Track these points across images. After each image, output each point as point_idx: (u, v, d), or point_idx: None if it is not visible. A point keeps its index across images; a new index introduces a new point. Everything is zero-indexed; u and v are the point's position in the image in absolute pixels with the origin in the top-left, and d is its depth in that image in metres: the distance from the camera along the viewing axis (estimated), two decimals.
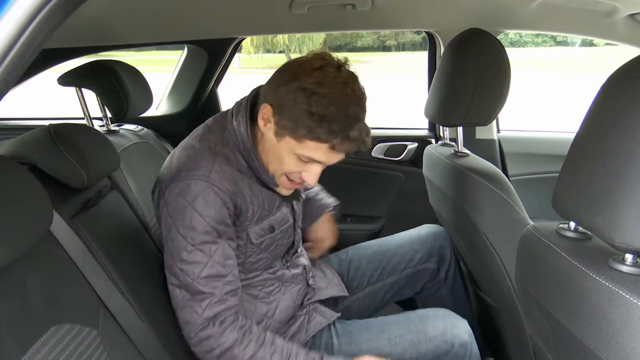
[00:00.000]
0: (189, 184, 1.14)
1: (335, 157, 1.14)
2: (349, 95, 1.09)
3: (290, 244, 1.38)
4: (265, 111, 1.14)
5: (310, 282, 1.41)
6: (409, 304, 1.72)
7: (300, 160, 1.15)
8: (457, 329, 1.34)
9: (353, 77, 1.12)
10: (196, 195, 1.13)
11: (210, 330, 1.13)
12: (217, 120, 1.26)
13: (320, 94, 1.06)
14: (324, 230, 1.60)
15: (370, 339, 1.33)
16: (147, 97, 1.90)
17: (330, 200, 1.62)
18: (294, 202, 1.35)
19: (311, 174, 1.17)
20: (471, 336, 1.35)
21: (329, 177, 2.29)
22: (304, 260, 1.44)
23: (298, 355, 1.17)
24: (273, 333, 1.21)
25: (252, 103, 1.22)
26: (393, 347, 1.30)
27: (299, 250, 1.46)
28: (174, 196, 1.15)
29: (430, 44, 2.22)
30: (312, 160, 1.14)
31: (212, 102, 2.43)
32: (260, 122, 1.16)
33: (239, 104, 1.24)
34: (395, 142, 2.30)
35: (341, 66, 1.11)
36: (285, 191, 1.27)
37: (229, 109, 1.26)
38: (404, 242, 1.66)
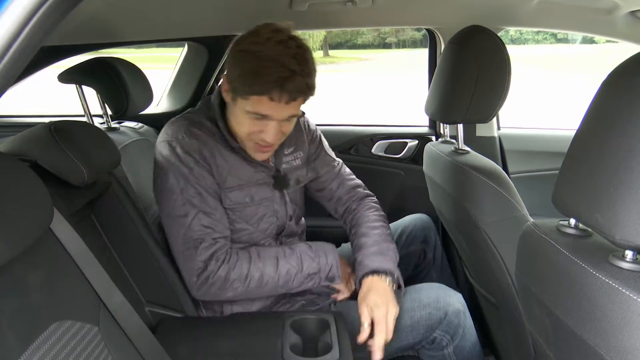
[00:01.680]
0: (163, 146, 1.32)
1: (281, 110, 1.22)
2: (282, 51, 1.18)
3: (279, 225, 1.45)
4: (224, 81, 1.28)
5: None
6: None
7: (255, 120, 1.25)
8: (450, 298, 1.39)
9: (290, 37, 1.22)
10: (169, 155, 1.29)
11: (209, 269, 1.27)
12: (206, 98, 1.42)
13: (253, 52, 1.18)
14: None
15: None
16: (147, 95, 1.90)
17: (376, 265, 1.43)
18: (285, 191, 1.45)
19: (268, 132, 1.26)
20: (464, 306, 1.40)
21: None
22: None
23: (286, 254, 1.33)
24: (259, 247, 1.37)
25: None
26: None
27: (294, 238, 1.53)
28: (156, 162, 1.33)
29: (431, 41, 2.22)
30: (262, 117, 1.23)
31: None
32: (224, 94, 1.29)
33: (203, 101, 1.43)
34: (396, 140, 2.30)
35: (278, 30, 1.22)
36: (258, 155, 1.34)
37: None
38: (391, 227, 1.69)
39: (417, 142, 2.28)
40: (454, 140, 1.61)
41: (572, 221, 0.81)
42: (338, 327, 1.26)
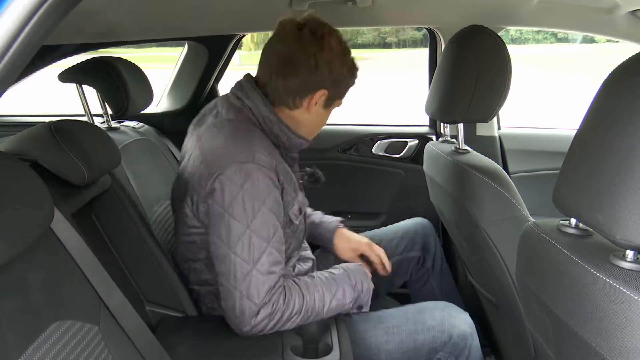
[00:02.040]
0: (235, 169, 1.14)
1: None
2: (344, 47, 1.28)
3: (304, 232, 1.39)
4: (319, 95, 1.25)
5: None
6: (405, 301, 1.73)
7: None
8: (456, 319, 1.35)
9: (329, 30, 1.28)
10: (245, 179, 1.13)
11: (264, 311, 1.13)
12: (231, 104, 1.28)
13: (344, 51, 1.26)
14: (357, 242, 1.58)
15: (367, 329, 1.34)
16: (147, 94, 1.90)
17: (336, 218, 1.65)
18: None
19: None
20: (472, 327, 1.35)
21: (330, 174, 2.31)
22: (310, 253, 1.47)
23: (331, 287, 1.23)
24: (305, 280, 1.23)
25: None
26: (390, 336, 1.31)
27: (305, 243, 1.48)
28: (222, 185, 1.14)
29: (431, 40, 2.22)
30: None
31: (213, 99, 2.43)
32: (310, 109, 1.26)
33: (238, 87, 1.29)
34: (396, 139, 2.30)
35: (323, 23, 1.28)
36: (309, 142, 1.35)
37: (226, 95, 1.32)
38: (390, 232, 1.74)
39: (417, 141, 2.28)
40: (454, 140, 1.61)
41: (573, 221, 0.81)
42: (339, 328, 1.25)
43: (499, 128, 2.24)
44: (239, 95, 1.27)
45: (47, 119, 1.22)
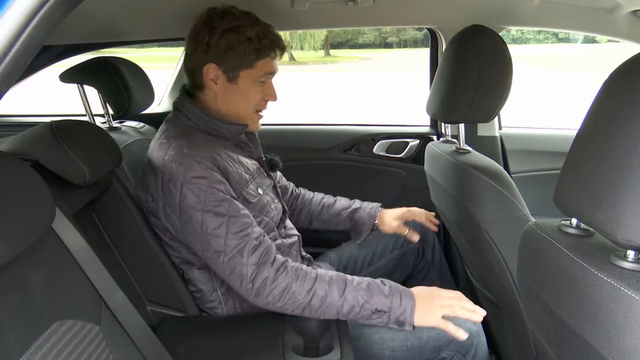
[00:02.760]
0: (172, 166, 1.25)
1: (276, 65, 1.38)
2: (255, 17, 1.35)
3: (282, 210, 1.50)
4: (210, 70, 1.33)
5: (303, 253, 1.52)
6: None
7: (259, 84, 1.36)
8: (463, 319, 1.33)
9: (243, 11, 1.35)
10: (183, 172, 1.24)
11: (264, 273, 1.22)
12: (170, 119, 1.41)
13: (242, 25, 1.30)
14: (399, 211, 1.72)
15: (372, 325, 1.32)
16: (148, 94, 1.90)
17: (375, 204, 1.76)
18: (272, 173, 1.52)
19: (272, 89, 1.40)
20: (478, 325, 1.34)
21: (331, 174, 2.31)
22: (295, 231, 1.55)
23: (354, 282, 1.25)
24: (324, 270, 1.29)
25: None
26: (395, 333, 1.31)
27: (289, 223, 1.57)
28: (165, 184, 1.25)
29: (432, 40, 2.22)
30: (268, 77, 1.37)
31: None
32: (211, 85, 1.35)
33: (174, 104, 1.42)
34: (397, 139, 2.30)
35: (230, 8, 1.34)
36: (258, 124, 1.45)
37: (169, 115, 1.43)
38: None
39: (418, 141, 2.28)
40: (455, 140, 1.61)
41: (574, 221, 0.81)
42: (339, 327, 1.25)
43: (500, 128, 2.24)
44: (178, 108, 1.40)
45: (48, 119, 1.22)
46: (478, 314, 1.22)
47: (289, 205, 1.72)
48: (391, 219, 1.69)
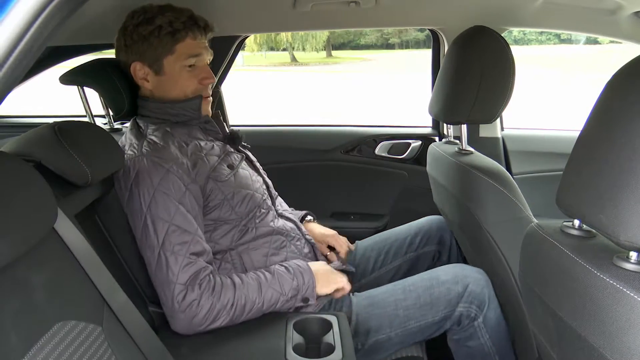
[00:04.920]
0: (127, 165, 1.27)
1: (203, 45, 1.38)
2: (170, 5, 1.34)
3: (264, 183, 1.50)
4: (137, 69, 1.36)
5: (308, 236, 1.50)
6: None
7: (188, 70, 1.35)
8: (468, 271, 1.40)
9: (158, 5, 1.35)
10: (135, 172, 1.25)
11: (191, 295, 1.19)
12: (132, 123, 1.43)
13: (152, 16, 1.31)
14: (322, 234, 1.64)
15: (385, 291, 1.41)
16: None
17: (304, 212, 1.70)
18: (240, 148, 1.50)
19: (204, 71, 1.38)
20: (486, 277, 1.39)
21: (332, 175, 2.31)
22: (292, 216, 1.54)
23: (267, 278, 1.28)
24: (240, 274, 1.30)
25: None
26: (407, 293, 1.36)
27: (283, 205, 1.59)
28: (118, 180, 1.29)
29: (434, 41, 2.22)
30: (193, 59, 1.35)
31: (216, 99, 2.43)
32: (143, 83, 1.38)
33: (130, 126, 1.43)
34: (399, 140, 2.30)
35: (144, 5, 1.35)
36: (206, 107, 1.43)
37: (127, 131, 1.43)
38: (403, 231, 1.75)
39: (420, 142, 2.28)
40: (457, 141, 1.61)
41: (576, 222, 0.81)
42: (341, 327, 1.25)
43: (502, 129, 2.24)
44: (138, 111, 1.44)
45: (50, 120, 1.22)
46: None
47: None
48: (316, 237, 1.62)
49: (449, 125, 1.77)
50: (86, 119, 1.90)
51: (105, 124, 1.90)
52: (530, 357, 1.20)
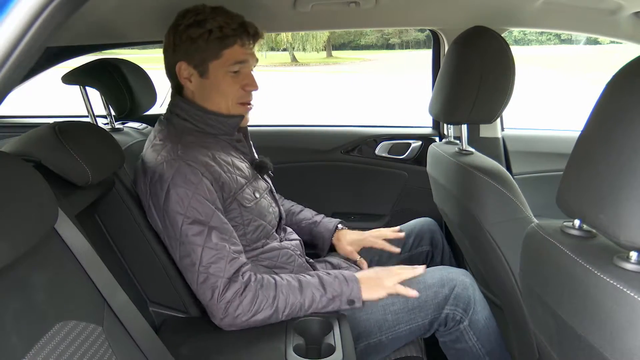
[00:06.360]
0: (163, 167, 1.26)
1: (250, 52, 1.37)
2: (222, 9, 1.34)
3: (279, 214, 1.52)
4: (182, 69, 1.35)
5: (306, 257, 1.52)
6: None
7: (232, 75, 1.35)
8: (454, 274, 1.40)
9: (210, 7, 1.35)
10: (172, 174, 1.25)
11: (233, 287, 1.22)
12: (163, 119, 1.42)
13: (204, 18, 1.31)
14: (357, 239, 1.68)
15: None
16: (151, 95, 1.90)
17: (337, 220, 1.74)
18: (265, 176, 1.53)
19: (250, 78, 1.38)
20: (471, 279, 1.40)
21: (332, 176, 2.31)
22: (295, 235, 1.57)
23: (307, 277, 1.30)
24: (281, 273, 1.34)
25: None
26: (395, 298, 1.36)
27: (287, 228, 1.59)
28: (153, 184, 1.27)
29: (435, 41, 2.22)
30: (239, 65, 1.35)
31: None
32: (186, 83, 1.37)
33: (168, 106, 1.43)
34: (399, 140, 2.30)
35: (197, 5, 1.35)
36: (246, 116, 1.43)
37: (163, 115, 1.44)
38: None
39: (420, 142, 2.27)
40: (457, 141, 1.61)
41: (577, 222, 0.81)
42: (341, 328, 1.25)
43: (503, 129, 2.24)
44: (171, 109, 1.41)
45: (51, 120, 1.22)
46: (418, 269, 1.38)
47: None
48: (346, 243, 1.66)
49: (449, 126, 1.77)
50: (87, 119, 1.90)
51: (106, 124, 1.89)
52: (530, 357, 1.20)
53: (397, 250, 1.63)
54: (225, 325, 1.24)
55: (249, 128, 1.52)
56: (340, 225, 1.70)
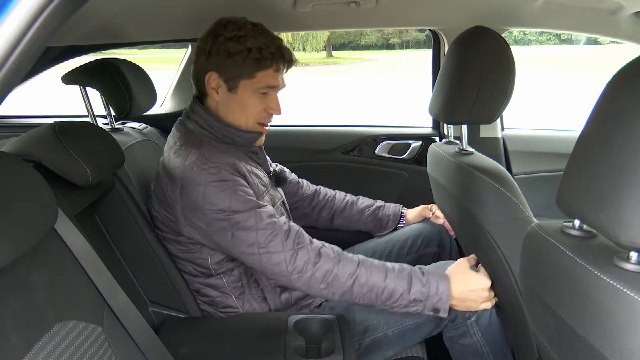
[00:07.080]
0: (193, 170, 1.25)
1: (281, 78, 1.38)
2: (262, 28, 1.34)
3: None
4: (212, 79, 1.33)
5: None
6: None
7: (260, 95, 1.35)
8: None
9: (252, 23, 1.35)
10: (205, 176, 1.24)
11: (303, 256, 1.23)
12: (181, 125, 1.42)
13: (245, 35, 1.30)
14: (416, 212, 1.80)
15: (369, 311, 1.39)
16: (151, 95, 1.90)
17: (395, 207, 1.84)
18: (279, 189, 1.54)
19: (275, 101, 1.38)
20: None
21: (333, 176, 2.31)
22: None
23: (396, 270, 1.27)
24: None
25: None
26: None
27: None
28: (185, 189, 1.25)
29: (435, 41, 2.22)
30: (268, 89, 1.35)
31: None
32: (212, 93, 1.35)
33: (186, 111, 1.43)
34: (399, 140, 2.30)
35: (239, 19, 1.35)
36: (261, 139, 1.43)
37: (180, 119, 1.45)
38: (403, 233, 1.76)
39: (420, 142, 2.27)
40: (457, 141, 1.60)
41: (577, 222, 0.81)
42: (342, 328, 1.25)
43: (503, 129, 2.24)
44: (189, 115, 1.40)
45: (51, 120, 1.22)
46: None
47: (307, 203, 1.78)
48: (414, 213, 1.78)
49: (449, 126, 1.77)
50: (87, 119, 1.90)
51: (106, 124, 1.90)
52: (530, 357, 1.20)
53: (440, 221, 1.74)
54: (301, 285, 1.24)
55: None
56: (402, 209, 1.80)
